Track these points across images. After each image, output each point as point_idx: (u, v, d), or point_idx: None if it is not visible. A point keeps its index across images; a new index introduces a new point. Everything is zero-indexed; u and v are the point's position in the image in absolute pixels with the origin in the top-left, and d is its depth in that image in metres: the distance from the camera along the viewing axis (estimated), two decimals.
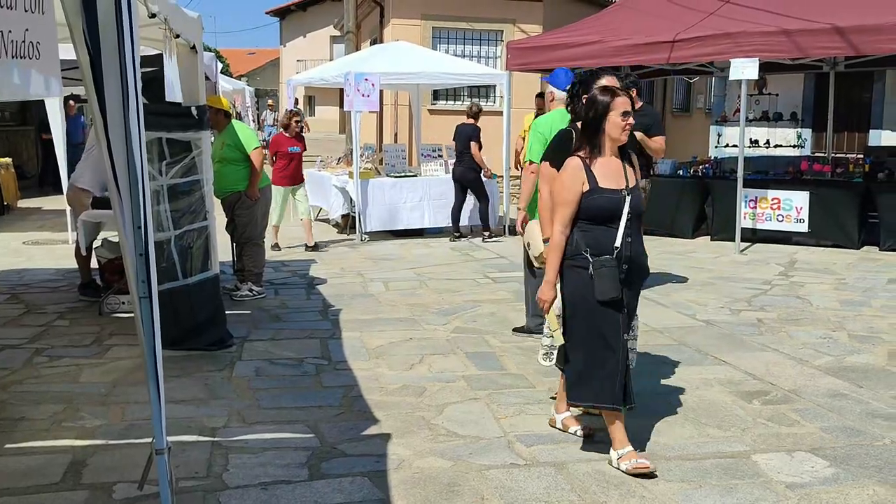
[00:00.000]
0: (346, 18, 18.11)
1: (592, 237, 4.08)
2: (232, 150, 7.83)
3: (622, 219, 4.06)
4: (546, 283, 4.18)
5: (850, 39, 9.93)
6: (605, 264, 4.03)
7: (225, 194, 7.91)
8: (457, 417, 4.85)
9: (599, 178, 4.08)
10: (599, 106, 4.10)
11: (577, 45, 11.90)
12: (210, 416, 4.85)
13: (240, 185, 7.87)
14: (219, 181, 7.59)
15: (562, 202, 4.11)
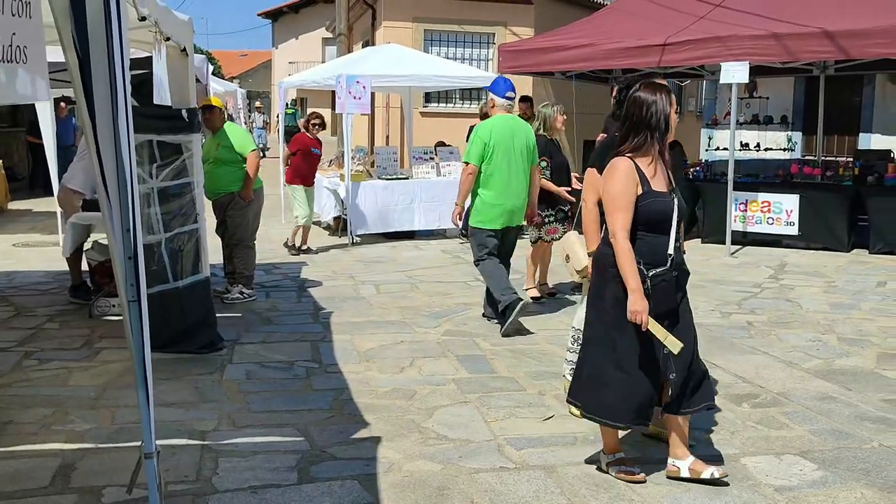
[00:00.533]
0: (337, 21, 18.11)
1: (646, 246, 3.82)
2: (227, 152, 7.77)
3: (673, 223, 3.84)
4: (635, 294, 3.74)
5: (839, 43, 9.99)
6: (664, 277, 3.81)
7: (217, 195, 7.85)
8: (447, 421, 4.85)
9: (650, 180, 3.83)
10: (660, 104, 3.81)
11: (569, 48, 11.94)
12: (200, 419, 4.84)
13: (233, 187, 7.82)
14: (212, 182, 7.58)
15: (619, 207, 3.79)
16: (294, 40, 39.66)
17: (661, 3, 12.28)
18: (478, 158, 6.84)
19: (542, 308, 7.81)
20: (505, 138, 6.81)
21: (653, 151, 3.86)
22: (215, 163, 7.74)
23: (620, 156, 3.87)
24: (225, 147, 7.78)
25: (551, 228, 7.99)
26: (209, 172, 7.53)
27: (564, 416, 4.92)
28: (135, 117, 3.21)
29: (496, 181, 6.83)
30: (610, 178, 3.87)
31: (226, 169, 7.79)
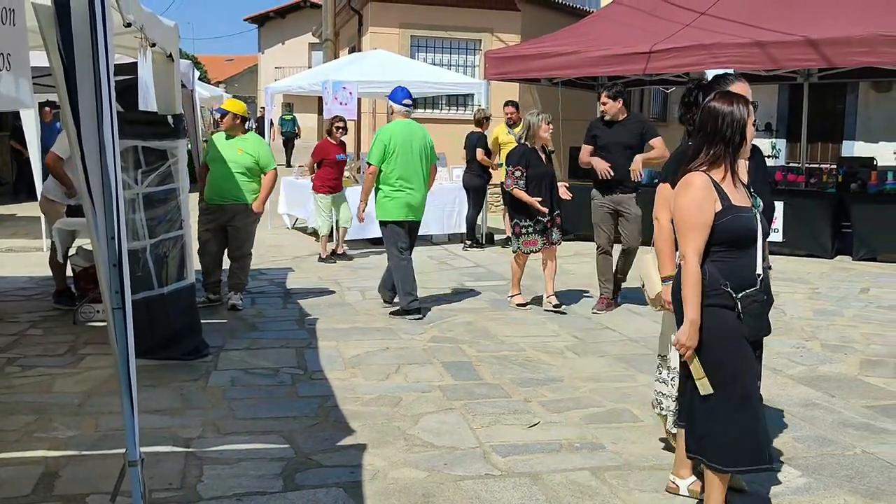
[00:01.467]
0: (324, 26, 18.09)
1: (731, 267, 3.45)
2: (251, 161, 7.59)
3: (758, 241, 3.49)
4: (690, 325, 3.41)
5: (822, 51, 10.06)
6: (754, 298, 3.46)
7: (226, 201, 7.55)
8: (432, 428, 4.85)
9: (730, 195, 3.47)
10: (736, 114, 3.48)
11: (555, 55, 11.99)
12: (184, 426, 4.82)
13: (247, 197, 7.59)
14: (225, 186, 7.49)
15: (694, 226, 3.43)
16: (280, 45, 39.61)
17: (646, 11, 12.35)
18: (378, 160, 7.59)
19: (527, 315, 7.82)
20: (404, 141, 7.59)
21: (729, 165, 3.52)
22: (234, 167, 7.53)
23: (695, 170, 3.52)
24: (250, 156, 7.60)
25: (529, 240, 7.83)
26: (223, 176, 7.43)
27: (549, 423, 4.93)
28: (120, 123, 3.20)
29: (396, 179, 7.55)
30: (683, 195, 3.50)
31: (243, 177, 7.57)
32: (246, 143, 7.66)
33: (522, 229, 7.81)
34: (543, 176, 7.81)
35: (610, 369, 6.09)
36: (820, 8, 10.93)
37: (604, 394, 5.50)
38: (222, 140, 7.68)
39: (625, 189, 7.86)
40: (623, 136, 7.80)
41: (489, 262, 10.76)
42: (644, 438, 4.73)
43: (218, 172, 7.52)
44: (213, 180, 7.57)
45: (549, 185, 7.83)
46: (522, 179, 7.73)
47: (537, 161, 7.83)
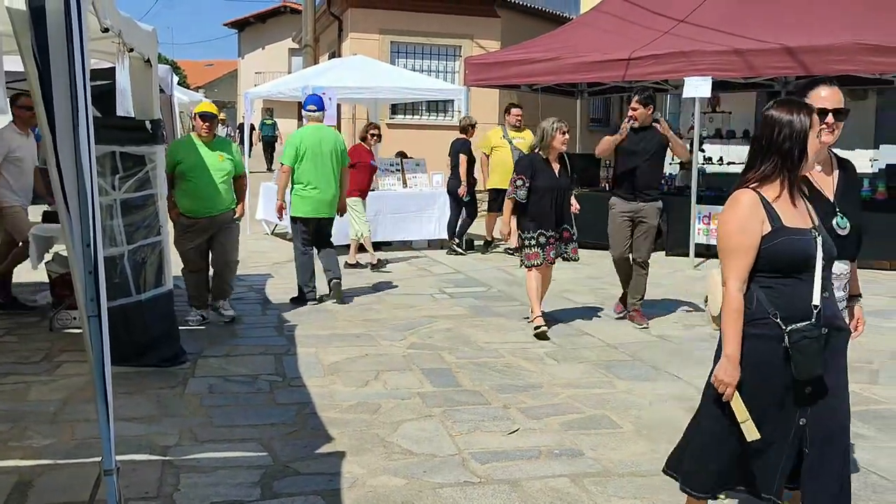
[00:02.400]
0: (304, 32, 18.07)
1: (781, 295, 3.06)
2: (231, 167, 7.40)
3: (817, 267, 3.07)
4: (728, 360, 3.10)
5: (800, 59, 10.15)
6: (807, 333, 3.01)
7: (219, 211, 7.32)
8: (411, 435, 4.83)
9: (783, 216, 3.09)
10: (797, 125, 3.08)
11: (535, 62, 12.02)
12: (161, 433, 4.78)
13: (233, 204, 7.47)
14: (216, 196, 7.24)
15: (736, 249, 3.09)
16: (260, 50, 39.55)
17: (625, 19, 12.42)
18: (290, 160, 8.31)
19: (507, 322, 7.82)
20: (313, 144, 8.32)
21: (786, 181, 3.13)
22: (218, 175, 7.27)
23: (744, 186, 3.17)
24: (230, 160, 7.41)
25: (531, 253, 7.33)
26: (212, 185, 7.20)
27: (529, 430, 4.93)
28: (97, 128, 3.18)
29: (306, 179, 8.23)
30: (726, 214, 3.16)
31: (225, 184, 7.34)
32: (226, 147, 7.51)
33: (525, 241, 7.35)
34: (551, 189, 7.27)
35: (589, 375, 6.10)
36: (797, 16, 11.03)
37: (583, 400, 5.51)
38: (194, 147, 7.27)
39: (647, 197, 7.62)
40: (650, 143, 7.59)
41: (469, 269, 10.76)
42: (623, 445, 4.73)
43: (203, 182, 7.17)
44: (199, 191, 7.18)
45: (557, 198, 7.31)
46: (524, 189, 7.23)
47: (546, 172, 7.30)
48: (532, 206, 7.26)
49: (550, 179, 7.29)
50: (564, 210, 7.41)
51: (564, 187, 7.40)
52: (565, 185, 7.41)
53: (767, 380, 3.09)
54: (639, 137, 7.58)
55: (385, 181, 12.47)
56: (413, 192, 12.35)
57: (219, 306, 7.56)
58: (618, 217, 7.65)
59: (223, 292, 7.60)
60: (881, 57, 9.74)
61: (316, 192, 8.25)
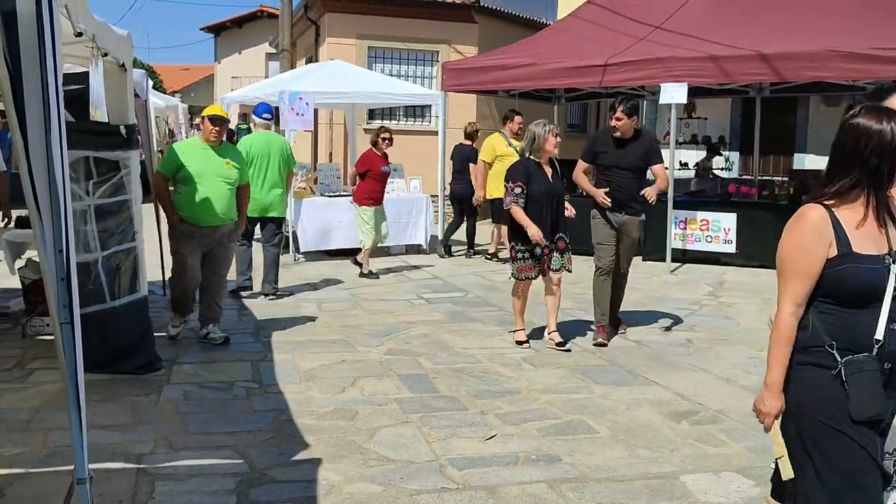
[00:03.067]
0: (281, 36, 18.01)
1: (840, 324, 2.74)
2: (237, 174, 6.96)
3: (886, 297, 2.72)
4: (767, 389, 2.84)
5: (774, 66, 10.23)
6: (864, 366, 2.70)
7: (223, 221, 6.88)
8: (388, 441, 4.81)
9: (854, 239, 2.74)
10: (886, 135, 2.70)
11: (512, 67, 12.04)
12: (136, 441, 4.73)
13: (235, 214, 7.03)
14: (221, 204, 6.80)
15: (795, 272, 2.77)
16: (237, 55, 39.37)
17: (602, 25, 12.46)
18: None
19: (484, 327, 7.82)
20: (262, 149, 8.97)
21: (870, 199, 2.76)
22: (223, 183, 6.83)
23: (815, 201, 2.82)
24: (236, 168, 6.94)
25: (524, 266, 6.97)
26: (216, 193, 6.74)
27: (506, 436, 4.93)
28: (70, 133, 3.14)
29: (255, 181, 8.70)
30: (790, 232, 2.82)
31: (230, 192, 6.90)
32: (233, 154, 7.03)
33: (518, 253, 6.97)
34: (547, 194, 6.92)
35: (566, 381, 6.11)
36: (772, 24, 11.12)
37: (560, 406, 5.51)
38: (201, 152, 6.82)
39: (630, 210, 7.25)
40: (633, 156, 7.19)
41: (447, 274, 10.75)
42: (600, 450, 4.74)
43: (207, 190, 6.69)
44: (203, 199, 6.71)
45: (552, 204, 6.97)
46: (523, 197, 6.84)
47: (541, 177, 6.94)
48: (528, 214, 6.84)
49: (545, 185, 6.93)
50: (559, 217, 7.04)
51: (559, 192, 7.03)
52: (560, 190, 7.05)
53: (825, 413, 2.74)
54: (622, 151, 7.21)
55: None
56: (391, 198, 12.29)
57: (208, 331, 7.01)
58: (602, 226, 7.32)
59: (213, 314, 7.04)
60: (854, 64, 9.83)
61: (262, 192, 8.82)
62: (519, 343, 7.09)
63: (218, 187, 6.76)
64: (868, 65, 9.77)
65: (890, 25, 10.29)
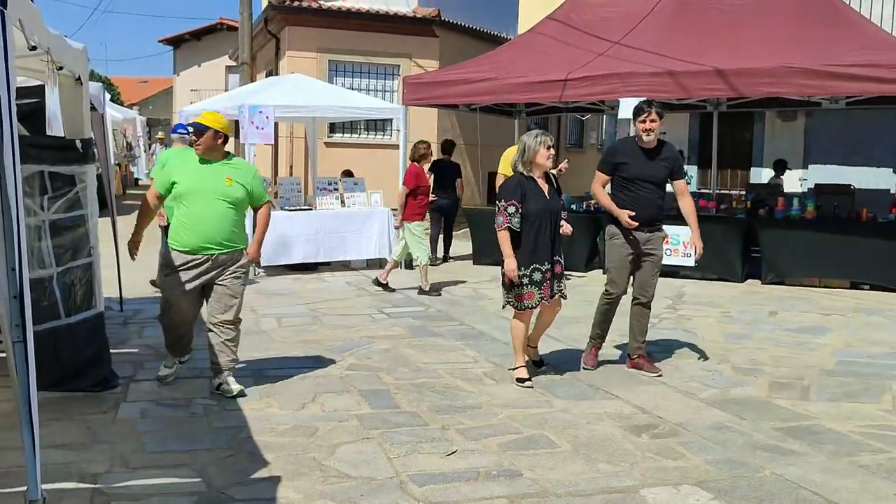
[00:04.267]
0: (241, 49, 17.92)
1: None
2: (242, 194, 5.89)
3: None
4: None
5: (731, 82, 10.39)
6: None
7: (221, 249, 5.82)
8: (348, 458, 4.78)
9: None
10: None
11: (473, 82, 12.09)
12: (91, 461, 4.65)
13: (242, 242, 5.99)
14: (218, 227, 5.78)
15: None
16: (196, 67, 39.08)
17: (562, 40, 12.57)
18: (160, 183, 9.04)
19: (445, 342, 7.81)
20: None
21: None
22: (222, 202, 5.81)
23: None
24: (241, 186, 5.89)
25: (526, 293, 6.21)
26: (212, 214, 5.75)
27: (467, 451, 4.92)
28: (25, 148, 3.10)
29: None
30: None
31: (233, 214, 5.86)
32: (235, 170, 5.93)
33: (521, 278, 6.20)
34: (543, 213, 6.21)
35: (527, 395, 6.12)
36: (729, 40, 11.29)
37: (521, 420, 5.51)
38: (196, 165, 5.89)
39: (652, 227, 6.68)
40: (658, 169, 6.61)
41: (407, 288, 10.73)
42: (561, 464, 4.74)
43: (201, 210, 5.74)
44: (195, 220, 5.76)
45: (550, 224, 6.26)
46: (517, 217, 6.13)
47: (536, 194, 6.24)
48: (525, 235, 6.15)
49: (542, 202, 6.22)
50: (557, 238, 6.35)
51: (557, 211, 6.35)
52: (558, 208, 6.37)
53: None
54: (647, 162, 6.58)
55: (323, 200, 12.41)
56: (352, 212, 12.31)
57: (221, 381, 5.96)
58: (619, 248, 6.65)
59: (227, 363, 5.96)
60: (809, 80, 10.02)
61: None
62: (520, 381, 6.33)
63: (215, 208, 5.76)
64: (822, 80, 9.97)
65: (842, 41, 10.50)
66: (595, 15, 13.06)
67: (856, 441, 5.19)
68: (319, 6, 16.66)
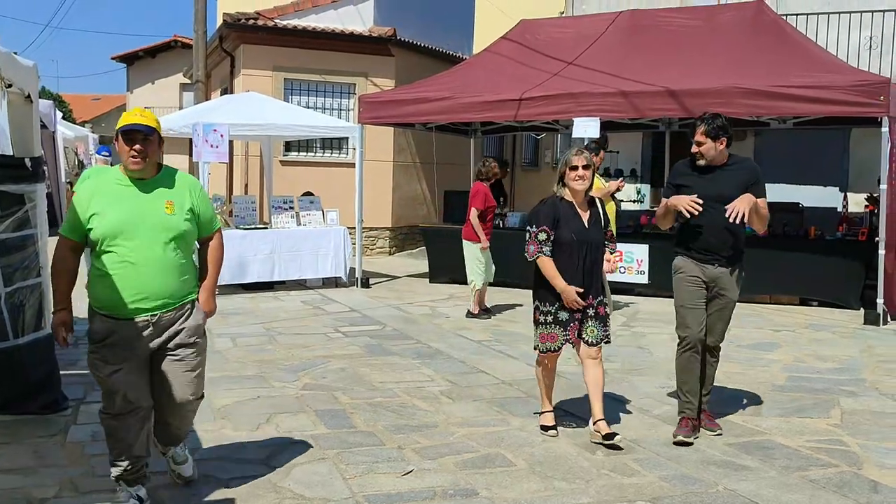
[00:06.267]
0: (195, 67, 17.81)
1: None
2: (188, 224, 4.19)
3: None
4: None
5: (682, 102, 10.56)
6: None
7: (164, 307, 4.13)
8: (304, 479, 4.74)
9: None
10: None
11: (429, 101, 12.15)
12: (39, 485, 4.56)
13: (190, 289, 4.28)
14: (157, 278, 4.06)
15: None
16: (150, 85, 38.73)
17: (516, 60, 12.69)
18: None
19: (400, 360, 7.79)
20: None
21: None
22: (161, 237, 4.08)
23: None
24: (187, 211, 4.19)
25: (547, 333, 5.49)
26: (146, 259, 4.02)
27: (423, 470, 4.90)
28: None
29: None
30: None
31: (177, 253, 4.14)
32: (175, 190, 4.21)
33: (541, 316, 5.50)
34: (577, 243, 5.39)
35: (484, 414, 6.12)
36: (680, 61, 11.49)
37: (477, 439, 5.51)
38: (119, 191, 4.12)
39: (724, 261, 5.61)
40: (724, 186, 5.51)
41: (364, 307, 10.71)
42: (517, 483, 4.75)
43: (132, 253, 4.02)
44: (124, 269, 4.03)
45: (585, 256, 5.42)
46: (549, 245, 5.39)
47: (571, 220, 5.43)
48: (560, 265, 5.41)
49: (578, 231, 5.41)
50: (595, 274, 5.48)
51: (596, 242, 5.47)
52: (598, 238, 5.49)
53: None
54: (708, 180, 5.58)
55: (279, 219, 12.35)
56: (307, 230, 12.26)
57: (170, 456, 4.56)
58: (689, 284, 5.68)
59: (174, 436, 4.50)
60: (758, 100, 10.22)
61: None
62: (545, 429, 5.65)
63: (153, 248, 4.04)
64: (770, 101, 10.18)
65: (789, 63, 10.73)
66: (549, 35, 13.23)
67: (806, 456, 5.27)
68: (275, 24, 16.62)
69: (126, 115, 4.16)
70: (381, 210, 17.13)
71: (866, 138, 13.21)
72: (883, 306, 9.88)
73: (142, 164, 4.09)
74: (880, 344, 8.79)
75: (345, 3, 17.45)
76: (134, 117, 4.12)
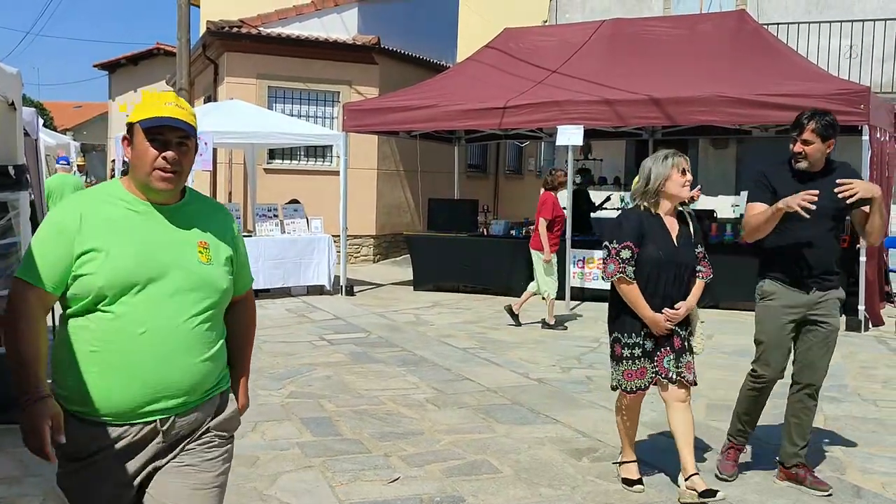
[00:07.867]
0: (178, 75, 17.73)
1: None
2: (224, 272, 2.64)
3: None
4: None
5: (665, 110, 10.63)
6: None
7: (197, 403, 2.54)
8: (290, 487, 4.74)
9: None
10: None
11: (413, 109, 12.18)
12: (23, 495, 4.54)
13: (225, 375, 2.71)
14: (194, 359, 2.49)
15: None
16: (133, 93, 38.56)
17: (500, 68, 12.74)
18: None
19: (386, 368, 7.79)
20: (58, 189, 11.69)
21: None
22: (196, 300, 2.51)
23: None
24: (222, 260, 2.66)
25: (634, 370, 4.66)
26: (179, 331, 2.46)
27: (410, 478, 4.91)
28: None
29: None
30: None
31: (216, 321, 2.60)
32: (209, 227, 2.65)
33: (624, 349, 4.67)
34: (666, 263, 4.61)
35: (469, 421, 6.13)
36: (664, 70, 11.57)
37: (463, 446, 5.52)
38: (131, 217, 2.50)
39: (824, 283, 4.74)
40: (827, 197, 4.52)
41: (348, 314, 10.70)
42: (503, 489, 4.76)
43: (138, 322, 2.42)
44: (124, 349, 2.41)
45: (673, 279, 4.65)
46: (632, 264, 4.58)
47: (660, 237, 4.64)
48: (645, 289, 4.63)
49: (666, 249, 4.62)
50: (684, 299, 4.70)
51: (688, 264, 4.70)
52: (690, 260, 4.71)
53: None
54: (809, 188, 4.49)
55: (263, 227, 12.32)
56: (292, 238, 12.24)
57: None
58: (780, 314, 4.77)
59: None
60: (740, 109, 10.31)
61: None
62: (628, 483, 4.80)
63: (176, 313, 2.48)
64: (753, 110, 10.26)
65: (771, 72, 10.82)
66: (532, 44, 13.30)
67: None
68: (259, 32, 16.60)
69: (150, 100, 2.54)
70: (365, 218, 17.12)
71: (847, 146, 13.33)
72: (864, 313, 9.96)
73: (175, 181, 2.52)
74: (861, 350, 8.87)
75: (329, 12, 17.45)
76: (165, 107, 2.50)
